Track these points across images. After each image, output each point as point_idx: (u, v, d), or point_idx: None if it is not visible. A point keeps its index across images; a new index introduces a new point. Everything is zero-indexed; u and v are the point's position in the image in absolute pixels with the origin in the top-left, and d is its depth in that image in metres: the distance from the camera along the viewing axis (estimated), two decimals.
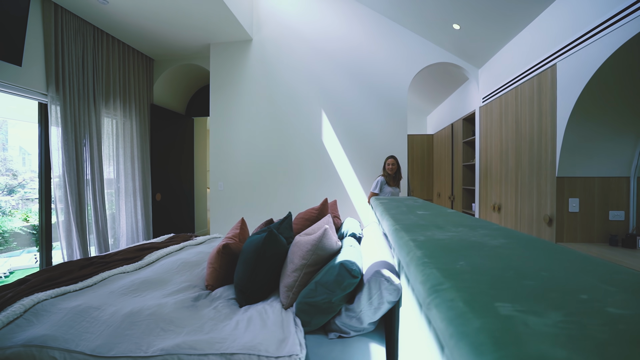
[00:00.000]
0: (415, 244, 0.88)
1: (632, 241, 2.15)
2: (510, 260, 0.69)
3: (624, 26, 1.81)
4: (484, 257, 0.72)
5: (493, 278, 0.58)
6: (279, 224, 1.63)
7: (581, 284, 0.53)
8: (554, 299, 0.48)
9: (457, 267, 0.64)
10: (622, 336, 0.36)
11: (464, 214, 1.43)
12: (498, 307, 0.45)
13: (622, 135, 2.21)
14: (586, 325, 0.39)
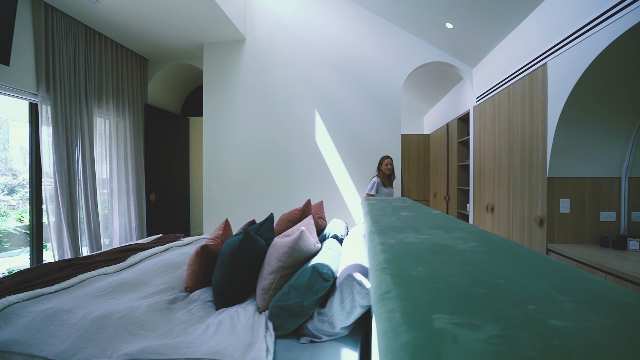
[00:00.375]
0: (382, 247, 0.86)
1: (622, 242, 2.12)
2: (471, 266, 0.66)
3: (612, 24, 1.78)
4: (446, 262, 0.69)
5: (446, 285, 0.56)
6: (259, 225, 1.61)
7: (535, 293, 0.50)
8: (499, 310, 0.45)
9: (413, 273, 0.62)
10: (551, 353, 0.34)
11: (448, 216, 1.40)
12: (434, 320, 0.43)
13: (613, 135, 2.18)
14: (519, 341, 0.37)
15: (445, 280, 0.59)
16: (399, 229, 1.13)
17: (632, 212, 2.23)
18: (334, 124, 3.95)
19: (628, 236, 2.12)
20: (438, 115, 5.54)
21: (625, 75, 1.94)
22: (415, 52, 3.83)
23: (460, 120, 4.33)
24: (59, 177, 3.27)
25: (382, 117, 3.87)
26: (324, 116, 3.96)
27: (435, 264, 0.69)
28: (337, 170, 3.94)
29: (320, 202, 2.34)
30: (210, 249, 1.54)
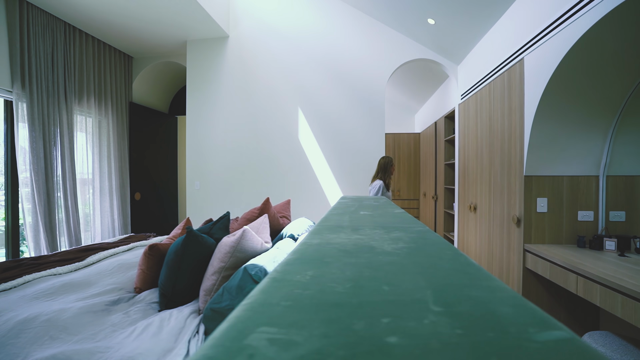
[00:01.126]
0: (299, 247, 0.80)
1: (599, 243, 2.06)
2: (372, 270, 0.60)
3: (581, 18, 1.72)
4: (347, 266, 0.63)
5: (316, 293, 0.49)
6: (212, 224, 1.56)
7: (410, 303, 0.43)
8: (342, 323, 0.39)
9: (296, 278, 0.56)
10: None
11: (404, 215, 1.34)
12: (255, 333, 0.37)
13: (590, 132, 2.11)
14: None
15: (323, 286, 0.53)
16: (339, 229, 1.07)
17: (609, 211, 2.17)
18: (318, 122, 3.89)
19: (604, 236, 2.06)
20: (428, 114, 5.47)
21: (599, 72, 1.88)
22: (400, 49, 3.77)
23: (447, 119, 4.27)
24: (35, 175, 3.22)
25: (366, 114, 3.81)
26: (308, 114, 3.90)
27: (332, 268, 0.63)
28: (320, 169, 3.88)
29: (287, 201, 2.28)
30: (160, 249, 1.49)
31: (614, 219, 2.16)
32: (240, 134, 4.05)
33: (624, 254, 1.93)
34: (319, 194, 3.86)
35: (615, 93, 1.96)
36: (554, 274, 1.93)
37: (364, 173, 3.82)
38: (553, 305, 2.25)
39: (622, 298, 1.42)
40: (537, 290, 2.26)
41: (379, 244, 0.82)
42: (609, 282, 1.49)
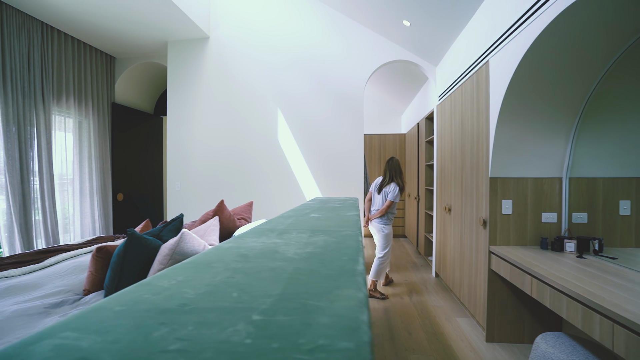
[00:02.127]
0: (207, 250, 0.81)
1: (560, 244, 2.07)
2: (243, 276, 0.61)
3: (538, 19, 1.73)
4: (226, 271, 0.64)
5: (161, 299, 0.50)
6: (163, 226, 1.55)
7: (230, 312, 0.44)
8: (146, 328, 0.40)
9: (160, 283, 0.57)
10: None
11: (348, 219, 1.35)
12: (44, 342, 0.37)
13: (553, 135, 2.12)
14: None
15: (176, 291, 0.54)
16: (267, 232, 1.08)
17: (572, 213, 2.18)
18: (297, 123, 3.89)
19: (565, 238, 2.07)
20: (412, 115, 5.48)
21: (558, 74, 1.89)
22: (379, 50, 3.77)
23: (427, 120, 4.28)
24: (9, 176, 3.21)
25: (345, 115, 3.82)
26: (287, 115, 3.90)
27: (208, 273, 0.64)
28: (300, 169, 3.88)
29: (249, 203, 2.29)
30: (109, 251, 1.48)
31: (576, 221, 2.18)
32: (220, 135, 4.05)
33: (582, 255, 1.94)
34: (298, 194, 3.86)
35: (575, 95, 1.98)
36: (514, 275, 1.94)
37: (342, 173, 3.82)
38: (517, 307, 2.26)
39: (567, 300, 1.43)
40: (501, 292, 2.27)
41: (287, 248, 0.82)
42: (557, 285, 1.50)
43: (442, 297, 3.14)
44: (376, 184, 3.35)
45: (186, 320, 0.40)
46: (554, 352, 1.52)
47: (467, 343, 2.29)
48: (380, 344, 2.27)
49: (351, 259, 0.71)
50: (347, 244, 0.86)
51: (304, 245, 0.85)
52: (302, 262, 0.68)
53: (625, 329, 1.10)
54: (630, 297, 1.26)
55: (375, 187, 3.34)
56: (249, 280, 0.56)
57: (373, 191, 3.37)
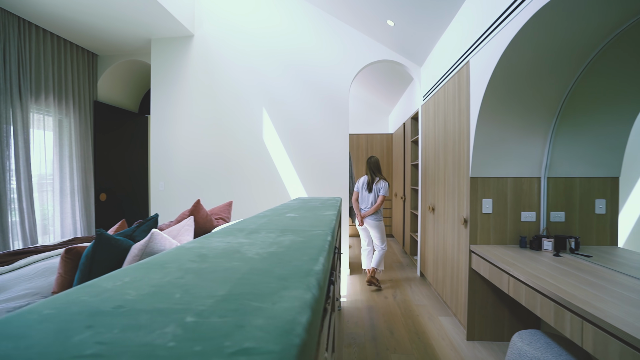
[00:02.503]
0: (167, 250, 0.79)
1: (538, 243, 2.10)
2: (193, 276, 0.60)
3: (515, 19, 1.75)
4: (178, 272, 0.62)
5: (99, 301, 0.48)
6: (136, 226, 1.52)
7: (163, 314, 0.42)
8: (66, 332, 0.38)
9: (105, 285, 0.55)
10: None
11: (327, 220, 1.34)
12: None
13: (531, 134, 2.15)
14: None
15: (118, 292, 0.52)
16: (235, 232, 1.06)
17: (550, 212, 2.21)
18: (282, 122, 3.87)
19: (543, 236, 2.10)
20: (398, 115, 5.51)
21: (535, 75, 1.91)
22: (365, 50, 3.78)
23: (413, 119, 4.30)
24: None
25: (330, 115, 3.81)
26: (272, 114, 3.88)
27: (159, 273, 0.62)
28: (285, 169, 3.86)
29: (228, 203, 2.26)
30: (80, 252, 1.44)
31: (554, 220, 2.21)
32: (205, 134, 4.00)
33: (559, 253, 1.97)
34: (283, 194, 3.84)
35: (552, 96, 2.00)
36: (493, 274, 1.95)
37: (328, 173, 3.82)
38: (497, 305, 2.28)
39: (541, 298, 1.45)
40: (482, 291, 2.29)
41: (249, 248, 0.81)
42: (532, 283, 1.52)
43: (425, 296, 3.16)
44: (363, 183, 3.47)
45: (115, 322, 0.39)
46: (529, 349, 1.54)
47: (448, 342, 2.30)
48: (362, 344, 2.27)
49: (312, 258, 0.70)
50: (313, 243, 0.85)
51: (269, 245, 0.83)
52: (260, 262, 0.67)
53: (593, 326, 1.11)
54: (600, 295, 1.28)
55: (363, 186, 3.46)
56: (197, 281, 0.55)
57: (360, 190, 3.48)
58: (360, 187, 3.48)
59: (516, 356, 1.60)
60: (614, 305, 1.16)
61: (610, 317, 1.07)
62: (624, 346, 0.97)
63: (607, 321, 1.04)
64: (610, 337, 1.03)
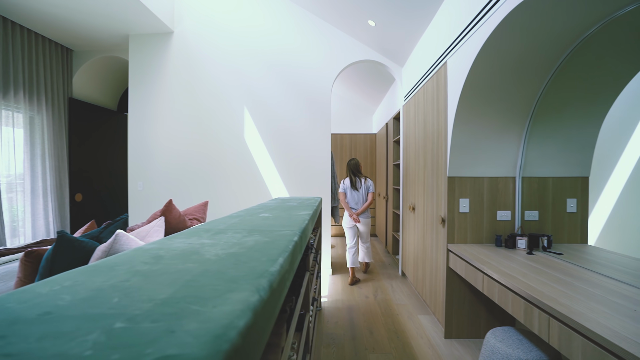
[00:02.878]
0: (125, 252, 0.75)
1: (512, 241, 2.14)
2: (140, 279, 0.57)
3: (488, 20, 1.77)
4: (126, 274, 0.59)
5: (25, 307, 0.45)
6: (103, 227, 1.46)
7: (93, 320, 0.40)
8: None
9: (40, 290, 0.51)
10: None
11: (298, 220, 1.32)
12: None
13: (506, 135, 2.19)
14: None
15: (50, 298, 0.49)
16: (202, 232, 1.03)
17: (525, 211, 2.26)
18: (264, 121, 3.83)
19: (517, 235, 2.14)
20: (382, 115, 5.55)
21: (509, 76, 1.95)
22: (347, 49, 3.78)
23: (395, 120, 4.33)
24: None
25: (312, 114, 3.79)
26: (254, 113, 3.83)
27: (105, 276, 0.59)
28: (266, 168, 3.82)
29: (203, 203, 2.21)
30: (40, 254, 1.38)
31: (528, 218, 2.26)
32: (184, 133, 3.91)
33: (532, 251, 2.01)
34: (264, 193, 3.80)
35: (526, 97, 2.05)
36: (469, 273, 1.98)
37: (310, 172, 3.80)
38: (474, 303, 2.32)
39: (512, 295, 1.47)
40: (459, 289, 2.32)
41: (210, 249, 0.78)
42: (503, 281, 1.54)
43: (406, 295, 3.19)
44: (350, 183, 3.62)
45: (35, 331, 0.36)
46: (502, 346, 1.56)
47: (426, 340, 2.32)
48: (341, 344, 2.26)
49: (270, 259, 0.68)
50: (277, 244, 0.84)
51: (231, 246, 0.81)
52: (216, 263, 0.65)
53: (558, 322, 1.13)
54: (567, 292, 1.31)
55: (350, 187, 3.61)
56: (143, 284, 0.52)
57: (348, 191, 3.62)
58: (346, 188, 3.62)
59: (489, 353, 1.62)
60: (579, 302, 1.19)
61: (575, 313, 1.09)
62: (586, 341, 1.00)
63: (571, 317, 1.06)
64: (574, 332, 1.05)
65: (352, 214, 3.55)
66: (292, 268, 0.79)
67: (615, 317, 1.04)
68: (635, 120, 2.06)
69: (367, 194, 3.59)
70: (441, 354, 2.13)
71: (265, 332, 0.49)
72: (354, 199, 3.60)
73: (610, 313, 1.08)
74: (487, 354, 1.63)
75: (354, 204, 3.61)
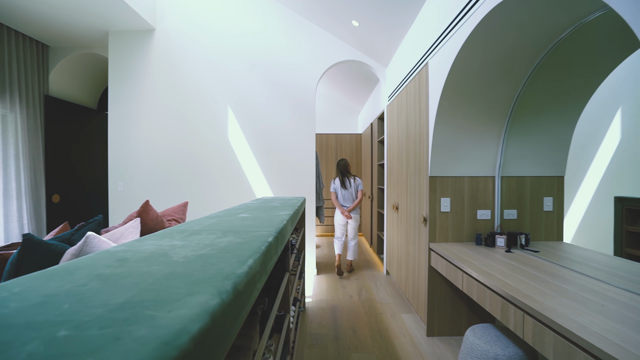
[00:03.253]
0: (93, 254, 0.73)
1: (492, 240, 2.18)
2: (99, 283, 0.55)
3: (468, 21, 1.80)
4: (85, 278, 0.57)
5: None
6: (76, 229, 1.41)
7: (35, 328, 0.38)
8: None
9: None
10: None
11: (277, 220, 1.30)
12: None
13: (486, 135, 2.23)
14: None
15: None
16: (175, 233, 1.00)
17: (504, 210, 2.30)
18: (248, 121, 3.79)
19: (497, 234, 2.18)
20: (367, 115, 5.58)
21: (488, 77, 1.98)
22: (331, 49, 3.78)
23: (379, 120, 4.36)
24: None
25: (297, 114, 3.78)
26: (238, 113, 3.79)
27: (61, 281, 0.56)
28: (250, 168, 3.79)
29: (183, 204, 2.17)
30: (5, 258, 1.32)
31: (507, 217, 2.30)
32: (166, 133, 3.84)
33: (510, 249, 2.06)
34: (248, 193, 3.77)
35: (504, 98, 2.09)
36: (449, 271, 2.00)
37: (294, 172, 3.79)
38: (455, 301, 2.35)
39: (490, 293, 1.49)
40: (441, 287, 2.34)
41: (180, 251, 0.76)
42: (482, 279, 1.56)
43: (390, 294, 3.21)
44: (340, 183, 3.83)
45: None
46: (480, 343, 1.59)
47: (409, 338, 2.34)
48: (324, 344, 2.26)
49: (240, 261, 0.67)
50: (250, 245, 0.82)
51: (202, 247, 0.79)
52: (182, 265, 0.63)
53: (532, 318, 1.16)
54: (541, 288, 1.34)
55: (340, 186, 3.82)
56: (100, 288, 0.50)
57: (338, 190, 3.86)
58: (337, 187, 3.86)
59: (469, 350, 1.64)
60: (552, 298, 1.22)
61: (547, 309, 1.11)
62: (557, 337, 1.02)
63: (544, 313, 1.08)
64: (546, 328, 1.07)
65: (343, 211, 3.77)
66: (265, 269, 0.78)
67: (585, 312, 1.07)
68: (608, 122, 2.13)
69: (356, 192, 3.83)
70: (423, 352, 2.15)
71: (228, 336, 0.48)
72: (344, 198, 3.84)
73: (580, 308, 1.11)
74: (467, 351, 1.65)
75: (344, 202, 3.84)
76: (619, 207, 1.98)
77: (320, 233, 6.01)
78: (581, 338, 0.91)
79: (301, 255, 2.57)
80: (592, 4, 1.48)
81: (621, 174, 2.03)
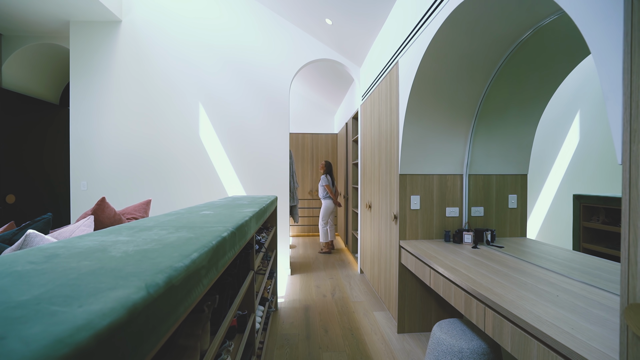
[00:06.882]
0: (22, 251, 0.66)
1: (460, 236, 2.22)
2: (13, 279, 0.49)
3: (433, 21, 1.82)
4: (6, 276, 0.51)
5: None
6: (18, 228, 1.31)
7: None
8: None
9: None
10: None
11: (239, 216, 1.26)
12: None
13: (454, 133, 2.28)
14: None
15: None
16: (124, 230, 0.94)
17: (471, 207, 2.36)
18: (220, 119, 3.70)
19: (464, 230, 2.23)
20: (342, 115, 5.60)
21: (455, 76, 2.02)
22: (305, 48, 3.75)
23: (354, 119, 4.38)
24: None
25: (270, 112, 3.73)
26: (209, 111, 3.69)
27: None
28: (222, 167, 3.70)
29: (146, 201, 2.08)
30: None
31: (475, 214, 2.36)
32: (133, 129, 3.67)
33: (477, 245, 2.10)
34: (220, 192, 3.67)
35: (470, 97, 2.14)
36: (418, 268, 2.02)
37: (266, 171, 3.73)
38: (425, 297, 2.38)
39: (455, 288, 1.51)
40: (410, 284, 2.37)
41: (121, 247, 0.70)
42: (447, 274, 1.58)
43: (363, 292, 3.22)
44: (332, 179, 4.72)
45: None
46: (446, 337, 1.61)
47: (380, 336, 2.35)
48: (295, 344, 2.22)
49: (182, 255, 0.62)
50: (200, 240, 0.78)
51: (147, 243, 0.74)
52: (117, 260, 0.58)
53: (492, 311, 1.18)
54: (502, 282, 1.37)
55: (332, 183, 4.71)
56: (8, 286, 0.45)
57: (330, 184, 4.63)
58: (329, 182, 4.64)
59: (435, 345, 1.66)
60: (511, 291, 1.24)
61: (506, 301, 1.13)
62: (514, 327, 1.04)
63: (503, 305, 1.10)
64: (505, 319, 1.09)
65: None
66: (215, 265, 0.74)
67: (540, 303, 1.10)
68: (568, 123, 2.23)
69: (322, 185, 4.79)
70: (393, 349, 2.16)
71: (155, 333, 0.44)
72: None
73: (536, 299, 1.14)
74: (434, 345, 1.67)
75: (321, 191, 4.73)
76: (577, 204, 2.07)
77: (296, 233, 5.96)
78: (535, 328, 0.93)
79: (272, 254, 2.52)
80: (547, 7, 1.54)
81: (580, 173, 2.12)
